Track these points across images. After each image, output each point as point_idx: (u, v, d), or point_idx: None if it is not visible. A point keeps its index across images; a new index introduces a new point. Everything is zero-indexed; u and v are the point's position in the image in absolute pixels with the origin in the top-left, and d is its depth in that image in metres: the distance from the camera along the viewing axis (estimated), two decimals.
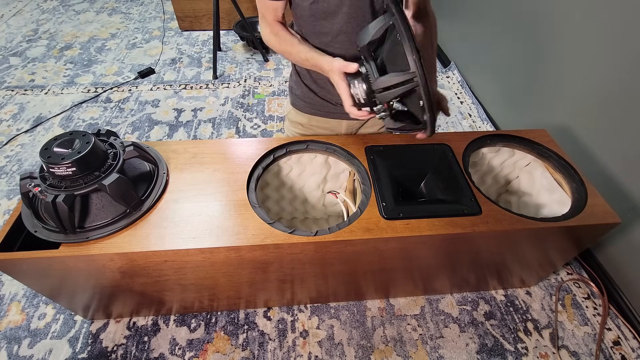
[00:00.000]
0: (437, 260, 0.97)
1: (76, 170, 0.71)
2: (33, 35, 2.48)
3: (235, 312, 1.12)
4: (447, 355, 1.05)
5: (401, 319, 1.13)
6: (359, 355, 1.05)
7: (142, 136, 1.73)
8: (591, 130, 1.24)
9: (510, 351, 1.07)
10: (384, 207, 0.85)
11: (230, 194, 0.87)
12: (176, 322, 1.09)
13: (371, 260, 0.91)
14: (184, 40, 2.47)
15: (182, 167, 0.93)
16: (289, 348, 1.05)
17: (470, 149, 1.03)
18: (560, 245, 0.98)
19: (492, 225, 0.84)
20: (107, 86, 2.03)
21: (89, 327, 1.07)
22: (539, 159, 1.05)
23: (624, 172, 1.12)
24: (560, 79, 1.37)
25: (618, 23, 1.11)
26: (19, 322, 1.08)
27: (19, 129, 1.74)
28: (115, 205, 0.78)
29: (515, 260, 1.03)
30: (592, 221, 0.86)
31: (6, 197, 1.42)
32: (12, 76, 2.09)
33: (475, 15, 1.98)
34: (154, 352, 1.03)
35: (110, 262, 0.78)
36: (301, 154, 1.01)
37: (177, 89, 2.04)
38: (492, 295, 1.19)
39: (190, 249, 0.77)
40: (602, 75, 1.18)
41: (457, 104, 2.00)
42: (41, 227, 0.77)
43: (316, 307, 1.14)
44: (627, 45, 1.08)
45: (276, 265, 0.88)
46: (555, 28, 1.37)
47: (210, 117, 1.86)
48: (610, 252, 1.20)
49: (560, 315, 1.15)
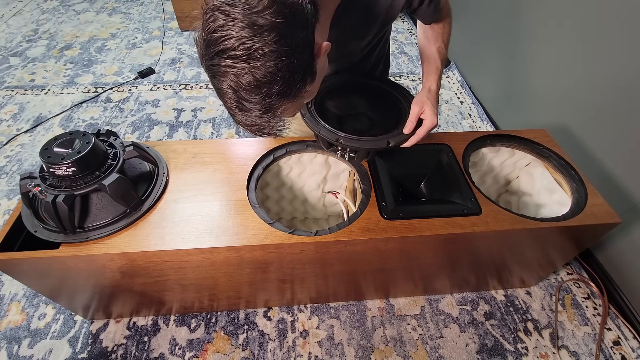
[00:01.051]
0: (437, 260, 0.97)
1: (76, 170, 0.71)
2: (33, 35, 2.48)
3: (235, 312, 1.12)
4: (447, 355, 1.05)
5: (401, 319, 1.13)
6: (359, 355, 1.05)
7: (142, 136, 1.73)
8: (591, 130, 1.24)
9: (510, 351, 1.07)
10: (384, 207, 0.85)
11: (230, 194, 0.87)
12: (176, 322, 1.09)
13: (371, 260, 0.91)
14: (184, 40, 2.47)
15: (182, 167, 0.93)
16: (289, 348, 1.05)
17: (470, 149, 1.03)
18: (560, 245, 0.98)
19: (492, 225, 0.84)
20: (107, 86, 2.03)
21: (89, 327, 1.07)
22: (539, 159, 1.05)
23: (624, 172, 1.12)
24: (560, 78, 1.37)
25: (618, 23, 1.11)
26: (19, 322, 1.08)
27: (19, 129, 1.74)
28: (115, 205, 0.78)
29: (515, 260, 1.03)
30: (592, 221, 0.86)
31: (6, 197, 1.42)
32: (12, 76, 2.09)
33: (476, 15, 1.98)
34: (154, 352, 1.03)
35: (110, 262, 0.78)
36: (301, 154, 1.01)
37: (177, 89, 2.04)
38: (492, 295, 1.19)
39: (190, 249, 0.77)
40: (602, 75, 1.18)
41: (457, 104, 2.00)
42: (41, 227, 0.77)
43: (316, 307, 1.14)
44: (627, 45, 1.08)
45: (276, 265, 0.88)
46: (555, 28, 1.37)
47: (210, 117, 1.86)
48: (610, 252, 1.20)
49: (560, 315, 1.15)
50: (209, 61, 0.48)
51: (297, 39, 0.47)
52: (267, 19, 0.44)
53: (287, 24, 0.45)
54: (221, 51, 0.46)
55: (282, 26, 0.45)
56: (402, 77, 2.18)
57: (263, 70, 0.46)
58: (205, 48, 0.47)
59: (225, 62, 0.46)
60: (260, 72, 0.46)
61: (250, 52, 0.45)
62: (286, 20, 0.45)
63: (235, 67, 0.46)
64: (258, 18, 0.44)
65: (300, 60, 0.49)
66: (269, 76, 0.47)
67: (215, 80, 0.49)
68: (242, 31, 0.44)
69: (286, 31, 0.46)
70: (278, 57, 0.46)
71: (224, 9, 0.44)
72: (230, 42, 0.44)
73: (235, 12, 0.44)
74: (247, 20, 0.44)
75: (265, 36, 0.44)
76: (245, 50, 0.44)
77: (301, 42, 0.48)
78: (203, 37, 0.47)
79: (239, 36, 0.44)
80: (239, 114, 0.52)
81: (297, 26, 0.47)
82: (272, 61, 0.46)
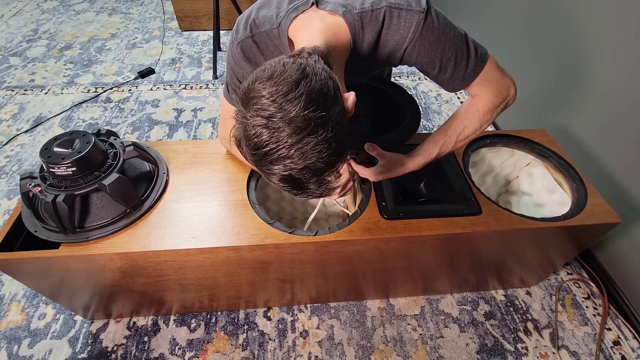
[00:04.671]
0: (437, 260, 0.97)
1: (76, 170, 0.71)
2: (33, 35, 2.48)
3: (235, 312, 1.12)
4: (447, 355, 1.05)
5: (401, 319, 1.13)
6: (359, 355, 1.05)
7: (142, 136, 1.73)
8: (591, 130, 1.24)
9: (510, 351, 1.07)
10: (384, 207, 0.85)
11: (230, 194, 0.87)
12: (176, 322, 1.09)
13: (371, 260, 0.91)
14: (184, 40, 2.47)
15: (182, 167, 0.93)
16: (289, 348, 1.05)
17: (470, 149, 1.03)
18: (560, 245, 0.98)
19: (492, 225, 0.84)
20: (107, 86, 2.03)
21: (89, 327, 1.07)
22: (539, 159, 1.05)
23: (624, 172, 1.12)
24: (560, 78, 1.37)
25: (618, 23, 1.11)
26: (19, 322, 1.08)
27: (19, 129, 1.74)
28: (115, 205, 0.78)
29: (515, 260, 1.03)
30: (592, 221, 0.86)
31: (6, 197, 1.42)
32: (12, 76, 2.09)
33: (476, 15, 1.98)
34: (154, 352, 1.03)
35: (110, 262, 0.78)
36: None
37: (177, 89, 2.04)
38: (492, 295, 1.19)
39: (190, 249, 0.77)
40: (602, 75, 1.18)
41: (457, 103, 2.00)
42: (41, 227, 0.77)
43: (316, 307, 1.14)
44: (627, 45, 1.08)
45: (276, 265, 0.88)
46: (555, 28, 1.37)
47: (210, 117, 1.85)
48: (610, 252, 1.20)
49: (560, 315, 1.15)
50: (264, 166, 0.48)
51: (335, 115, 0.48)
52: (308, 116, 0.44)
53: (324, 109, 0.46)
54: (275, 160, 0.46)
55: (321, 117, 0.45)
56: (402, 77, 2.18)
57: (317, 161, 0.47)
58: (256, 157, 0.48)
59: (280, 165, 0.47)
60: (315, 163, 0.47)
61: (304, 153, 0.45)
62: (322, 108, 0.45)
63: (293, 168, 0.47)
64: (298, 122, 0.44)
65: (343, 127, 0.49)
66: (325, 159, 0.47)
67: (274, 178, 0.50)
68: (290, 139, 0.44)
69: (326, 118, 0.46)
70: (329, 144, 0.47)
71: (264, 125, 0.44)
72: (283, 151, 0.45)
73: (277, 123, 0.44)
74: (291, 128, 0.44)
75: (311, 133, 0.45)
76: (300, 152, 0.45)
77: (339, 115, 0.48)
78: (251, 151, 0.47)
79: (290, 144, 0.45)
80: (300, 193, 0.53)
81: (332, 105, 0.47)
82: (324, 147, 0.46)
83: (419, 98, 2.02)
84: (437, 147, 0.78)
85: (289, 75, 0.45)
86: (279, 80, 0.45)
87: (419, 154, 0.79)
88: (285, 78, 0.45)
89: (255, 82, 0.46)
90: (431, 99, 2.01)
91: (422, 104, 1.98)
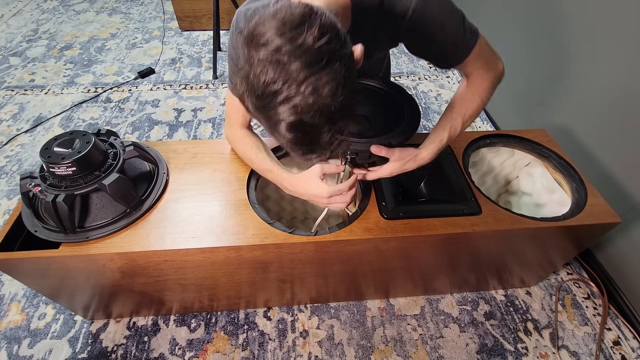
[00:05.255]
0: (437, 260, 0.97)
1: (76, 170, 0.71)
2: (33, 35, 2.48)
3: (235, 312, 1.12)
4: (447, 355, 1.05)
5: (401, 319, 1.13)
6: (359, 355, 1.05)
7: (142, 136, 1.73)
8: (591, 130, 1.24)
9: (510, 351, 1.07)
10: (384, 207, 0.85)
11: (230, 194, 0.87)
12: (176, 322, 1.09)
13: (371, 260, 0.91)
14: (184, 40, 2.47)
15: (182, 167, 0.93)
16: (289, 348, 1.05)
17: (470, 149, 1.03)
18: (560, 245, 0.98)
19: (492, 225, 0.84)
20: (107, 86, 2.03)
21: (89, 327, 1.07)
22: (539, 159, 1.05)
23: (624, 172, 1.12)
24: (560, 78, 1.37)
25: (618, 22, 1.11)
26: (19, 322, 1.08)
27: (19, 129, 1.74)
28: (115, 205, 0.78)
29: (515, 260, 1.03)
30: (592, 221, 0.86)
31: (6, 197, 1.42)
32: (12, 76, 2.09)
33: (475, 15, 1.98)
34: (154, 352, 1.03)
35: (110, 262, 0.78)
36: None
37: (177, 89, 2.04)
38: (492, 295, 1.19)
39: (190, 249, 0.77)
40: (602, 75, 1.18)
41: None
42: (41, 227, 0.77)
43: (316, 307, 1.14)
44: (627, 45, 1.08)
45: (276, 265, 0.88)
46: (555, 28, 1.37)
47: (210, 117, 1.85)
48: (610, 252, 1.20)
49: (560, 315, 1.15)
50: (271, 111, 0.43)
51: (348, 55, 0.45)
52: (323, 48, 0.41)
53: (338, 43, 0.42)
54: (284, 100, 0.42)
55: (336, 51, 0.42)
56: (402, 77, 2.18)
57: (332, 102, 0.43)
58: (262, 102, 0.44)
59: (289, 107, 0.42)
60: (330, 104, 0.43)
61: (317, 89, 0.41)
62: (336, 41, 0.42)
63: (304, 110, 0.42)
64: (310, 54, 0.40)
65: (354, 73, 0.46)
66: (340, 101, 0.43)
67: (282, 126, 0.45)
68: (302, 74, 0.40)
69: (340, 53, 0.43)
70: (344, 81, 0.43)
71: (270, 60, 0.40)
72: (293, 88, 0.41)
73: (286, 57, 0.40)
74: (303, 62, 0.40)
75: (325, 67, 0.41)
76: (312, 88, 0.41)
77: (350, 58, 0.46)
78: (255, 94, 0.43)
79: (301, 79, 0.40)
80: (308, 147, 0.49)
81: (344, 44, 0.44)
82: (339, 85, 0.43)
83: (419, 98, 2.02)
84: (446, 132, 0.77)
85: (296, 11, 0.42)
86: (286, 15, 0.41)
87: (430, 142, 0.78)
88: (293, 13, 0.41)
89: (259, 20, 0.42)
90: (431, 99, 2.01)
91: (422, 104, 1.98)
